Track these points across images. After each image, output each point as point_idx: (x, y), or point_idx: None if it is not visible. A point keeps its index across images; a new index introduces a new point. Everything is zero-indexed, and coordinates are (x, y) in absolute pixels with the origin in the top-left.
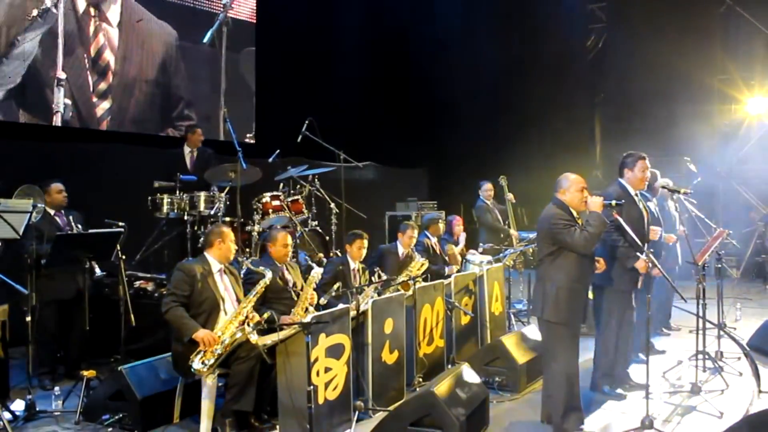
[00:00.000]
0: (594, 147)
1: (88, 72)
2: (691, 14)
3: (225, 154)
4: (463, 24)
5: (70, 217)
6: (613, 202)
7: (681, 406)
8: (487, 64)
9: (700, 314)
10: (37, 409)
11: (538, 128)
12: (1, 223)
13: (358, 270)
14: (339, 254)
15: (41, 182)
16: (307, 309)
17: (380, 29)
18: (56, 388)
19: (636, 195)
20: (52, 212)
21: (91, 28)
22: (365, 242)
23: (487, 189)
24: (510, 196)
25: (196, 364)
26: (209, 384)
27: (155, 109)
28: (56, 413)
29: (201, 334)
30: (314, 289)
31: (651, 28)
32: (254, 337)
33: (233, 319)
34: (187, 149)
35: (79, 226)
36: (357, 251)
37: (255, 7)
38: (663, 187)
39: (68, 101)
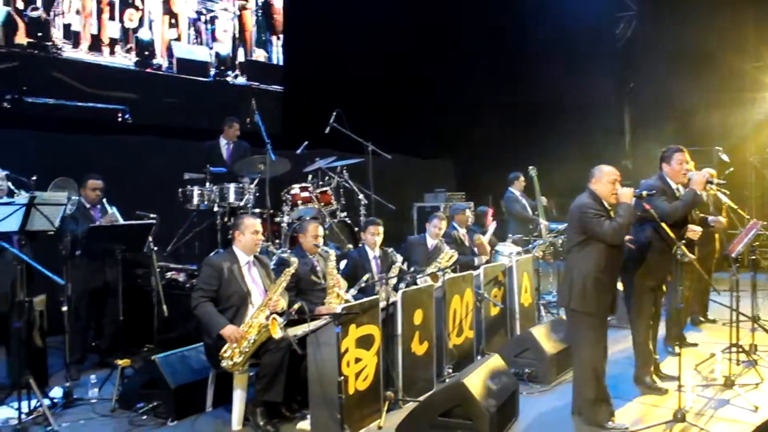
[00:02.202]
0: (623, 137)
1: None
2: (722, 1)
3: (254, 146)
4: (491, 11)
5: (110, 213)
6: (644, 193)
7: (714, 400)
8: (514, 53)
9: (734, 307)
10: (74, 396)
11: (566, 118)
12: (37, 215)
13: (379, 257)
14: None
15: (77, 175)
16: (338, 294)
17: (408, 19)
18: (92, 377)
19: (677, 189)
20: (87, 205)
21: None
22: (380, 228)
23: (516, 180)
24: (544, 200)
25: (225, 362)
26: (240, 376)
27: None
28: (93, 401)
29: (227, 331)
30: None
31: (682, 15)
32: (280, 333)
33: (260, 310)
34: (223, 141)
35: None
36: (371, 237)
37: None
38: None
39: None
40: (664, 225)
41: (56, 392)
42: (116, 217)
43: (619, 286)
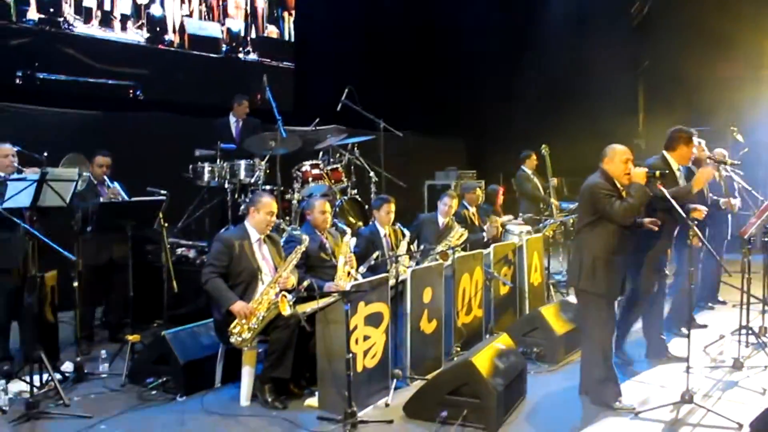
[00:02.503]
0: (636, 116)
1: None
2: None
3: (265, 122)
4: None
5: (112, 187)
6: (657, 173)
7: (722, 381)
8: (528, 30)
9: (745, 289)
10: (86, 371)
11: (579, 96)
12: (49, 191)
13: (389, 234)
14: None
15: (88, 151)
16: (349, 273)
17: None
18: (102, 352)
19: (678, 170)
20: (95, 182)
21: None
22: (392, 206)
23: (529, 158)
24: (555, 181)
25: (233, 338)
26: (249, 353)
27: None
28: (103, 375)
29: (237, 307)
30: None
31: None
32: (290, 310)
33: (270, 287)
34: (233, 118)
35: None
36: (385, 216)
37: None
38: (709, 158)
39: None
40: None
41: (67, 367)
42: (118, 190)
43: None
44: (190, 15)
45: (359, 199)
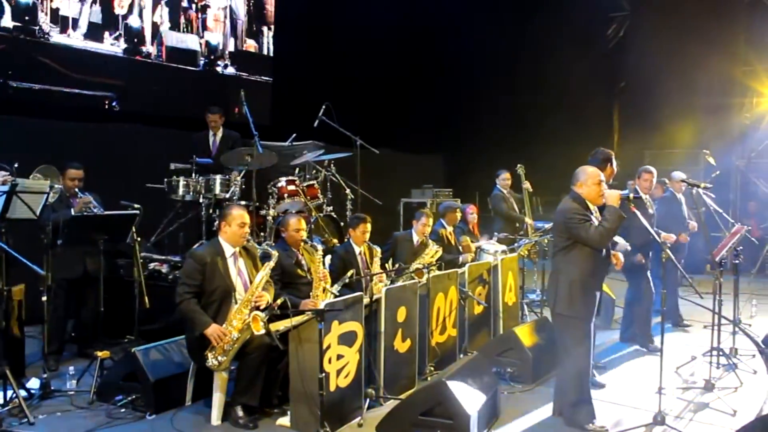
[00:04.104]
0: (611, 137)
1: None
2: (715, 5)
3: (242, 137)
4: (482, 8)
5: (83, 197)
6: (631, 196)
7: (694, 403)
8: (505, 50)
9: (716, 310)
10: (52, 388)
11: (555, 117)
12: (18, 203)
13: (364, 253)
14: None
15: (60, 163)
16: (324, 289)
17: (398, 14)
18: (70, 368)
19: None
20: (67, 194)
21: None
22: (368, 225)
23: (504, 178)
24: (527, 184)
25: (209, 361)
26: (221, 375)
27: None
28: (70, 392)
29: (210, 331)
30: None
31: (674, 18)
32: (263, 330)
33: (243, 306)
34: (211, 132)
35: (95, 209)
36: (361, 235)
37: None
38: (683, 181)
39: None
40: (648, 226)
41: (33, 383)
42: (90, 200)
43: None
44: (169, 27)
45: (335, 216)
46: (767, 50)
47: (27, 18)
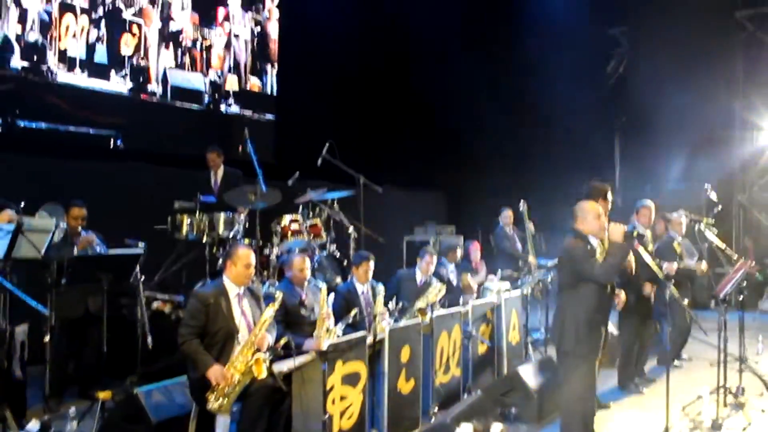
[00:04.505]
0: (614, 172)
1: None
2: (713, 40)
3: (246, 176)
4: (482, 46)
5: (86, 235)
6: (635, 232)
7: None
8: (506, 88)
9: (721, 347)
10: (53, 430)
11: (558, 153)
12: (24, 242)
13: (367, 291)
14: None
15: (65, 201)
16: (328, 329)
17: (400, 52)
18: (71, 409)
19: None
20: (70, 233)
21: None
22: (371, 264)
23: (506, 215)
24: (530, 225)
25: (210, 404)
26: (223, 418)
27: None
28: None
29: (212, 373)
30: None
31: (672, 53)
32: (265, 374)
33: (246, 348)
34: (211, 171)
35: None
36: (364, 274)
37: (278, 27)
38: (685, 217)
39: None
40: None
41: (33, 425)
42: (93, 238)
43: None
44: (174, 66)
45: (338, 254)
46: (765, 84)
47: (36, 58)
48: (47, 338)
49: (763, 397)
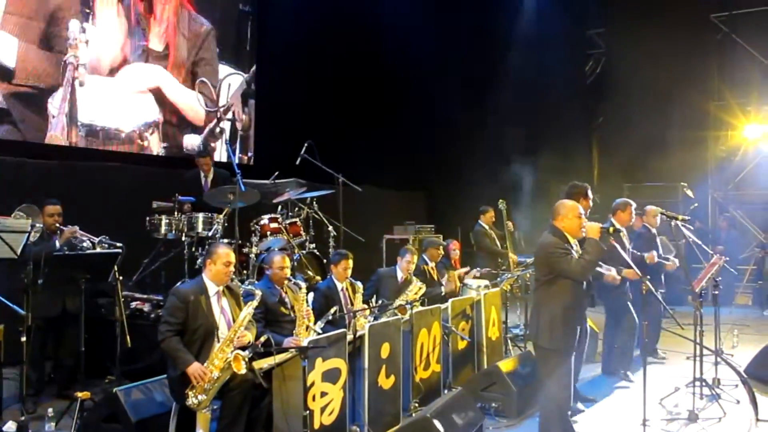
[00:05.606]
0: (592, 172)
1: None
2: (688, 41)
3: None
4: (458, 47)
5: (69, 228)
6: (611, 229)
7: None
8: (485, 88)
9: (698, 341)
10: (30, 431)
11: (536, 152)
12: None
13: (346, 289)
14: None
15: (40, 201)
16: (307, 327)
17: (377, 52)
18: (49, 410)
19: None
20: (48, 231)
21: None
22: (350, 262)
23: (486, 214)
24: (509, 224)
25: (190, 400)
26: (203, 415)
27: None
28: None
29: (191, 369)
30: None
31: (649, 54)
32: (244, 369)
33: (224, 345)
34: (201, 172)
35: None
36: (343, 271)
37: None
38: (662, 214)
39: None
40: (627, 258)
41: (10, 427)
42: (75, 228)
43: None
44: None
45: (317, 253)
46: (740, 84)
47: None
48: (24, 339)
49: (738, 388)
